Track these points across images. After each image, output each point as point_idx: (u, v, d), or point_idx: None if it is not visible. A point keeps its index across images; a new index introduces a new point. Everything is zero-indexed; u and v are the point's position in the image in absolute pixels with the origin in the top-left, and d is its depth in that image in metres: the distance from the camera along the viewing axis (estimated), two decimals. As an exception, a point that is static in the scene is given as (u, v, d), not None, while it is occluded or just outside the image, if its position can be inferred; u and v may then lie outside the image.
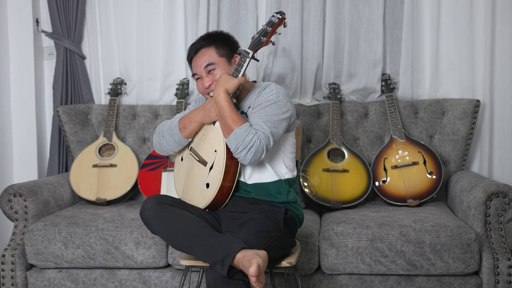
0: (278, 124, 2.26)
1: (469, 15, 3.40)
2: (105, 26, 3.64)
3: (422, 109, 3.38)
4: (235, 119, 2.22)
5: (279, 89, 2.34)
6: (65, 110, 3.50)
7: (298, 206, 2.41)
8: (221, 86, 2.25)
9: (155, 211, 2.22)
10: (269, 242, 2.17)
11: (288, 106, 2.31)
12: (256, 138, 2.19)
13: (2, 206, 2.94)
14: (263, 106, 2.28)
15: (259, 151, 2.20)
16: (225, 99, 2.24)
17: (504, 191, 2.73)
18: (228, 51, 2.42)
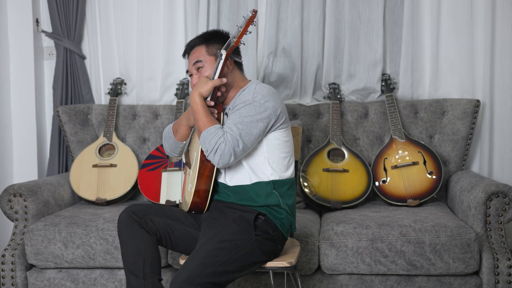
0: (251, 125, 2.20)
1: (469, 15, 3.40)
2: (105, 26, 3.64)
3: (422, 109, 3.38)
4: (205, 121, 2.21)
5: (258, 89, 2.27)
6: (65, 110, 3.50)
7: (281, 210, 2.29)
8: (195, 90, 2.26)
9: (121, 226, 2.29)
10: (233, 252, 2.13)
11: (267, 105, 2.23)
12: (222, 140, 2.16)
13: (2, 206, 2.94)
14: (237, 108, 2.24)
15: (226, 154, 2.16)
16: (197, 102, 2.24)
17: (504, 191, 2.73)
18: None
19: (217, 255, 2.11)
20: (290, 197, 2.34)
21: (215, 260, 2.10)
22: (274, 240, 2.27)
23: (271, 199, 2.28)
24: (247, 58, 3.55)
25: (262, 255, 2.23)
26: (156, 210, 2.33)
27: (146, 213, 2.30)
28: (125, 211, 2.30)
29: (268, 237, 2.24)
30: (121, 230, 2.29)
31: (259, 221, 2.26)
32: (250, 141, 2.21)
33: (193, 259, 2.11)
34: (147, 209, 2.32)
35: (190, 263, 2.09)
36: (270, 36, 3.51)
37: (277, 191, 2.29)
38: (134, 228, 2.26)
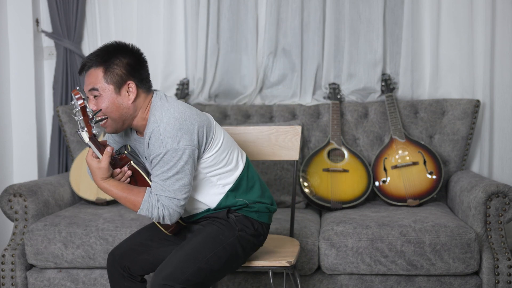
0: (179, 176, 2.03)
1: (469, 15, 3.40)
2: (105, 26, 3.64)
3: (422, 109, 3.38)
4: (132, 200, 2.06)
5: (163, 133, 2.01)
6: (65, 110, 3.50)
7: (251, 205, 2.20)
8: (97, 181, 2.06)
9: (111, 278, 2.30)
10: (218, 248, 2.10)
11: (182, 146, 2.01)
12: (162, 208, 2.04)
13: (2, 206, 2.94)
14: (155, 162, 2.03)
15: (174, 214, 2.05)
16: (110, 187, 2.06)
17: (504, 191, 2.73)
18: (121, 76, 2.06)
19: (202, 251, 2.08)
20: (252, 189, 2.23)
21: (200, 256, 2.07)
22: (257, 235, 2.21)
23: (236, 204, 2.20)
24: (247, 58, 3.55)
25: (243, 251, 2.17)
26: (139, 248, 2.26)
27: (130, 259, 2.26)
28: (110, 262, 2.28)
29: (251, 232, 2.18)
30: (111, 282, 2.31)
31: (236, 216, 2.18)
32: (187, 189, 2.06)
33: (177, 255, 2.08)
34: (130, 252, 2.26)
35: (174, 259, 2.06)
36: (270, 36, 3.51)
37: (239, 196, 2.20)
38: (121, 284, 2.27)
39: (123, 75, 2.07)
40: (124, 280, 2.27)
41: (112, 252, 2.31)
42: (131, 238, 2.33)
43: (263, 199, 2.25)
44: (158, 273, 2.04)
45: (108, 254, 2.32)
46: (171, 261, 2.06)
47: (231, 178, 2.20)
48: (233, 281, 2.79)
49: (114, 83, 2.06)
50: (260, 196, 2.25)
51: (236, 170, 2.21)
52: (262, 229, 2.23)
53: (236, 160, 2.22)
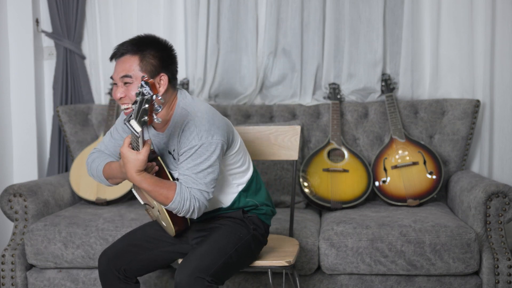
0: (210, 170, 2.04)
1: (469, 15, 3.40)
2: (105, 26, 3.64)
3: (422, 109, 3.38)
4: (164, 194, 2.02)
5: (199, 126, 2.04)
6: (65, 110, 3.50)
7: (260, 207, 2.28)
8: (132, 170, 1.97)
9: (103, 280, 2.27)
10: (238, 245, 2.15)
11: (216, 140, 2.04)
12: (194, 201, 2.03)
13: (2, 206, 2.94)
14: (188, 155, 2.04)
15: (202, 208, 2.06)
16: (143, 180, 1.99)
17: (504, 191, 2.73)
18: (155, 67, 2.08)
19: (226, 246, 2.11)
20: (259, 191, 2.29)
21: (224, 250, 2.10)
22: (264, 234, 2.30)
23: (248, 204, 2.27)
24: (247, 58, 3.55)
25: (255, 249, 2.24)
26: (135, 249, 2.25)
27: (124, 260, 2.23)
28: (104, 263, 2.24)
29: (261, 232, 2.27)
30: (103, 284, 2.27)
31: (249, 216, 2.26)
32: (215, 183, 2.09)
33: (201, 249, 2.09)
34: (125, 253, 2.24)
35: (198, 253, 2.07)
36: (270, 36, 3.51)
37: (249, 197, 2.27)
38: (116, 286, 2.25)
39: (157, 67, 2.07)
40: (119, 282, 2.25)
41: (104, 253, 2.27)
42: (124, 239, 2.31)
43: (268, 201, 2.33)
44: (185, 266, 2.02)
45: (100, 256, 2.27)
46: (197, 255, 2.07)
47: (244, 179, 2.26)
48: (233, 281, 2.79)
49: (148, 73, 2.06)
50: (266, 198, 2.33)
51: (248, 171, 2.27)
52: (267, 229, 2.32)
53: (248, 162, 2.28)
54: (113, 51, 2.14)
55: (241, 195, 2.25)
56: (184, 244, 2.29)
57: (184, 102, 2.13)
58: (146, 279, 2.82)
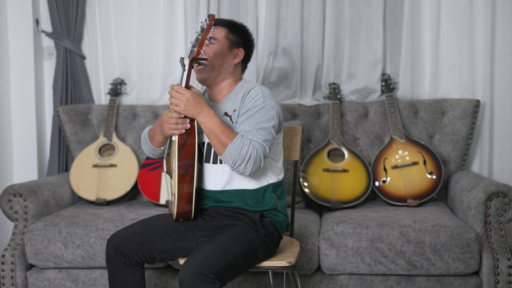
0: (269, 130, 2.19)
1: (469, 15, 3.40)
2: (105, 26, 3.64)
3: (422, 109, 3.38)
4: (227, 133, 2.15)
5: (264, 92, 2.25)
6: (65, 110, 3.50)
7: (278, 213, 2.31)
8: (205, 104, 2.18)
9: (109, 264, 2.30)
10: (246, 247, 2.16)
11: (276, 108, 2.24)
12: (252, 148, 2.12)
13: (2, 206, 2.94)
14: (251, 113, 2.20)
15: (258, 161, 2.14)
16: (215, 115, 2.18)
17: (504, 191, 2.73)
18: (237, 41, 2.34)
19: (232, 246, 2.12)
20: (283, 198, 2.37)
21: (231, 251, 2.11)
22: (275, 242, 2.30)
23: (270, 203, 2.30)
24: (247, 58, 3.55)
25: (263, 255, 2.25)
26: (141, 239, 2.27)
27: (129, 248, 2.26)
28: (111, 247, 2.27)
29: (272, 238, 2.27)
30: (109, 268, 2.30)
31: (264, 221, 2.27)
32: (270, 146, 2.20)
33: (208, 247, 2.10)
34: (131, 241, 2.26)
35: (205, 250, 2.08)
36: (270, 36, 3.51)
37: (275, 194, 2.32)
38: (121, 270, 2.27)
39: (239, 42, 2.35)
40: (125, 267, 2.27)
41: (112, 238, 2.29)
42: (133, 227, 2.32)
43: (286, 217, 2.37)
44: (189, 262, 2.04)
45: (108, 240, 2.29)
46: (203, 252, 2.08)
47: (278, 177, 2.35)
48: (233, 281, 2.79)
49: (230, 41, 2.33)
50: (285, 208, 2.38)
51: (281, 172, 2.38)
52: (278, 240, 2.33)
53: (282, 165, 2.40)
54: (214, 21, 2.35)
55: (268, 187, 2.30)
56: (188, 241, 2.29)
57: (247, 81, 2.38)
58: (146, 279, 2.82)
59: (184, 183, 2.21)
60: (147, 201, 3.34)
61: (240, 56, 2.34)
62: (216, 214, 2.31)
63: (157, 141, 2.37)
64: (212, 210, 2.32)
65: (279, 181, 2.36)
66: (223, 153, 2.15)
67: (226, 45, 2.31)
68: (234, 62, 2.34)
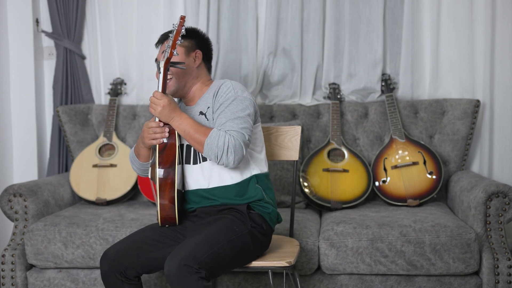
0: (245, 119, 2.23)
1: (469, 15, 3.40)
2: (105, 26, 3.64)
3: (422, 109, 3.38)
4: (202, 130, 2.20)
5: (235, 85, 2.30)
6: (65, 110, 3.50)
7: (266, 204, 2.31)
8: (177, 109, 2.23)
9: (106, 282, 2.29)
10: (232, 237, 2.16)
11: (249, 98, 2.28)
12: (229, 137, 2.16)
13: (2, 206, 2.94)
14: (225, 106, 2.25)
15: (238, 148, 2.17)
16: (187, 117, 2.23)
17: (504, 191, 2.73)
18: (190, 44, 2.39)
19: (217, 237, 2.13)
20: (271, 190, 2.38)
21: (215, 241, 2.12)
22: (266, 234, 2.30)
23: (255, 194, 2.30)
24: (247, 58, 3.55)
25: (253, 248, 2.25)
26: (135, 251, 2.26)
27: (125, 263, 2.25)
28: (105, 266, 2.26)
29: (261, 230, 2.27)
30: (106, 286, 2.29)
31: (251, 213, 2.28)
32: (249, 134, 2.23)
33: (192, 240, 2.11)
34: (125, 256, 2.25)
35: (189, 242, 2.10)
36: (270, 36, 3.51)
37: (260, 185, 2.33)
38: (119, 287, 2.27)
39: (194, 45, 2.39)
40: (122, 284, 2.26)
41: (105, 255, 2.27)
42: (125, 241, 2.31)
43: (275, 205, 2.36)
44: (174, 256, 2.05)
45: (101, 258, 2.28)
46: (187, 245, 2.09)
47: (262, 168, 2.37)
48: (233, 281, 2.79)
49: (185, 47, 2.37)
50: (274, 200, 2.37)
51: (265, 165, 2.40)
52: (268, 231, 2.32)
53: (265, 157, 2.41)
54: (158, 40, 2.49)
55: (252, 178, 2.31)
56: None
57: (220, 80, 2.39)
58: (146, 279, 2.82)
59: (165, 186, 2.22)
60: (147, 201, 3.34)
61: (199, 57, 2.38)
62: (204, 215, 2.32)
63: (143, 155, 2.39)
64: (200, 211, 2.33)
65: (264, 173, 2.36)
66: (203, 150, 2.20)
67: (182, 52, 2.36)
68: (195, 65, 2.38)
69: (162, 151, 2.23)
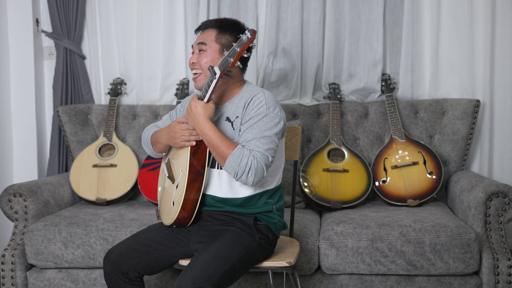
0: (271, 139, 2.15)
1: (469, 15, 3.40)
2: (105, 26, 3.64)
3: (422, 109, 3.38)
4: (226, 145, 2.13)
5: (268, 98, 2.20)
6: (65, 110, 3.50)
7: (273, 215, 2.29)
8: (205, 117, 2.15)
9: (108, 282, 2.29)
10: (242, 253, 2.14)
11: (280, 115, 2.20)
12: (252, 158, 2.10)
13: (2, 206, 2.94)
14: (254, 121, 2.16)
15: (259, 171, 2.12)
16: (211, 128, 2.14)
17: (504, 191, 2.73)
18: (229, 42, 2.26)
19: (228, 254, 2.11)
20: (280, 201, 2.35)
21: (227, 259, 2.10)
22: (272, 244, 2.30)
23: (265, 207, 2.29)
24: (247, 58, 3.55)
25: (260, 257, 2.25)
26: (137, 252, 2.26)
27: (127, 264, 2.25)
28: (107, 266, 2.26)
29: (268, 241, 2.27)
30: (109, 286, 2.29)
31: (258, 225, 2.26)
32: (273, 155, 2.16)
33: (203, 257, 2.09)
34: (128, 257, 2.25)
35: (201, 261, 2.07)
36: (270, 36, 3.51)
37: (271, 199, 2.31)
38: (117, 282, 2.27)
39: (232, 43, 2.22)
40: (125, 284, 2.27)
41: (107, 256, 2.28)
42: (127, 242, 2.31)
43: (282, 217, 2.34)
44: (187, 275, 2.02)
45: (104, 259, 2.29)
46: (199, 263, 2.06)
47: (276, 183, 2.32)
48: (233, 281, 2.79)
49: (221, 45, 2.26)
50: (280, 213, 2.35)
51: (280, 177, 2.35)
52: (274, 241, 2.32)
53: (281, 172, 2.35)
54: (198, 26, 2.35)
55: (266, 192, 2.28)
56: (184, 247, 2.29)
57: (252, 85, 2.32)
58: (146, 279, 2.82)
59: (192, 189, 2.20)
60: (147, 201, 3.34)
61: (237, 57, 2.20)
62: (210, 218, 2.30)
63: (159, 148, 2.40)
64: (206, 214, 2.31)
65: (277, 186, 2.33)
66: (225, 165, 2.15)
67: (217, 50, 2.26)
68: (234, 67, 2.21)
69: (194, 154, 2.20)
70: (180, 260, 2.29)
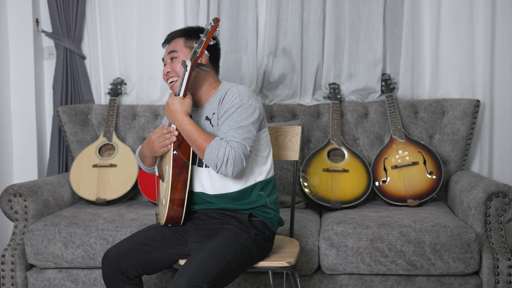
0: (248, 128, 2.18)
1: (469, 15, 3.40)
2: (105, 26, 3.64)
3: (422, 109, 3.38)
4: (204, 138, 2.16)
5: (241, 90, 2.25)
6: (65, 110, 3.50)
7: (268, 210, 2.30)
8: (182, 113, 2.20)
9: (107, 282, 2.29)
10: (237, 251, 2.15)
11: (255, 105, 2.23)
12: (230, 148, 2.12)
13: (2, 206, 2.94)
14: (229, 113, 2.20)
15: (238, 161, 2.13)
16: (188, 123, 2.19)
17: (504, 191, 2.73)
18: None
19: (223, 252, 2.11)
20: (273, 194, 2.35)
21: (222, 257, 2.10)
22: (268, 239, 2.29)
23: (258, 201, 2.29)
24: (247, 58, 3.55)
25: (258, 255, 2.24)
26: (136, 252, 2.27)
27: (126, 263, 2.26)
28: (106, 266, 2.27)
29: (264, 237, 2.27)
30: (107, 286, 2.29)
31: (253, 221, 2.26)
32: (251, 144, 2.19)
33: (199, 256, 2.09)
34: (126, 256, 2.26)
35: (196, 260, 2.08)
36: (270, 36, 3.51)
37: (263, 192, 2.31)
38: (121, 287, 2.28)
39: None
40: (124, 284, 2.27)
41: (106, 256, 2.28)
42: (126, 241, 2.32)
43: (277, 208, 2.35)
44: (182, 274, 2.03)
45: (102, 259, 2.29)
46: (194, 262, 2.07)
47: (267, 174, 2.33)
48: (233, 281, 2.79)
49: (191, 48, 2.32)
50: (276, 203, 2.35)
51: (271, 169, 2.35)
52: (271, 236, 2.31)
53: (271, 162, 2.36)
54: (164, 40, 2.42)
55: (258, 184, 2.29)
56: (182, 246, 2.29)
57: (229, 83, 2.35)
58: (146, 279, 2.82)
59: (178, 184, 2.22)
60: (147, 201, 3.34)
61: (205, 59, 2.31)
62: (206, 217, 2.30)
63: (149, 162, 2.42)
64: (202, 213, 2.32)
65: (268, 179, 2.33)
66: (204, 158, 2.18)
67: (187, 54, 2.32)
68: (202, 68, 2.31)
69: (177, 148, 2.23)
70: (179, 260, 2.29)
